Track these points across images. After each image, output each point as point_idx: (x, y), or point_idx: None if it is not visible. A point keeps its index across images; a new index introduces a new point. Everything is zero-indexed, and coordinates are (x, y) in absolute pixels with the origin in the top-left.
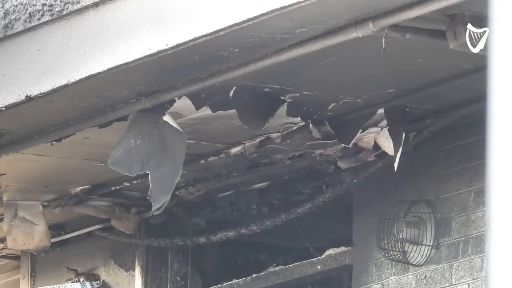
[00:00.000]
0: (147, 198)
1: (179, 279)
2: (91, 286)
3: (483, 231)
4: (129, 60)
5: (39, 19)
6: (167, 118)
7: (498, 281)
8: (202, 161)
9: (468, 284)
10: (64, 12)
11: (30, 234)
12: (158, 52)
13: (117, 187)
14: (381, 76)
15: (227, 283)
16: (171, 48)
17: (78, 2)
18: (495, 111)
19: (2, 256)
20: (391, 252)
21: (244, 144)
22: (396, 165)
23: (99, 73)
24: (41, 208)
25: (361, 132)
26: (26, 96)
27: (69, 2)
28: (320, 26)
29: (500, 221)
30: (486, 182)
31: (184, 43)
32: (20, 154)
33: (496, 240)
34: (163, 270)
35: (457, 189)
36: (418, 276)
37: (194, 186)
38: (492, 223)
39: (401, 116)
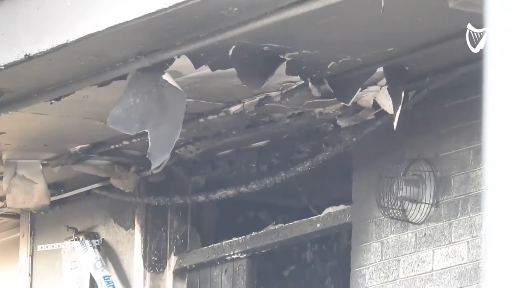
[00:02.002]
0: (147, 156)
1: (178, 237)
2: (91, 245)
3: (482, 189)
4: (128, 19)
5: None
6: (166, 77)
7: (496, 238)
8: (202, 120)
9: (468, 242)
10: None
11: (29, 193)
12: (157, 11)
13: (117, 146)
14: (381, 35)
15: (226, 241)
16: (170, 7)
17: None
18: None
19: (2, 215)
20: (390, 210)
21: (244, 102)
22: (395, 123)
23: (98, 32)
24: (41, 166)
25: (361, 91)
26: (26, 55)
27: None
28: None
29: (498, 180)
30: (484, 140)
31: (183, 2)
32: (19, 113)
33: (494, 198)
34: (162, 229)
35: (457, 147)
36: (417, 234)
37: (193, 144)
38: (489, 181)
39: (401, 74)
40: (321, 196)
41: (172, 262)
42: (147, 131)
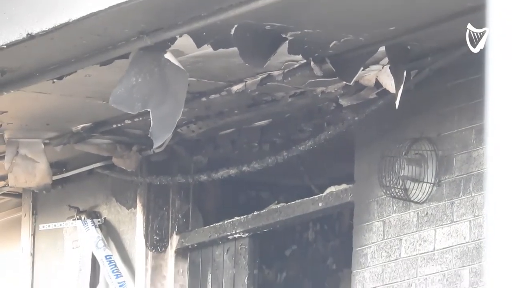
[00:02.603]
0: (149, 136)
1: (180, 216)
2: (93, 224)
3: (484, 169)
4: None
5: None
6: (168, 56)
7: (498, 218)
8: (204, 99)
9: (470, 221)
10: None
11: (31, 172)
12: None
13: (119, 125)
14: (383, 14)
15: (228, 221)
16: None
17: None
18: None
19: (4, 194)
20: (392, 190)
21: (246, 81)
22: (397, 102)
23: (101, 11)
24: (43, 146)
25: (363, 70)
26: (28, 34)
27: None
28: None
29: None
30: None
31: None
32: (21, 92)
33: (496, 177)
34: (164, 208)
35: (459, 126)
36: (419, 213)
37: (195, 124)
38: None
39: (403, 54)
40: (323, 175)
41: (174, 241)
42: (149, 110)
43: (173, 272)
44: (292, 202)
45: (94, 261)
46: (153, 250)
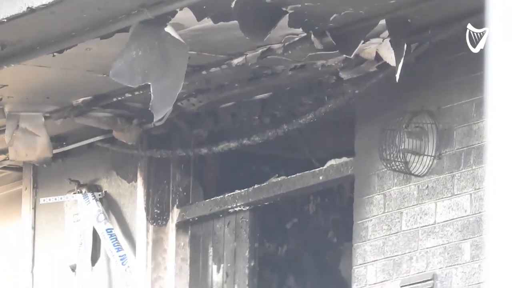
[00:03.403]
0: (149, 109)
1: (181, 190)
2: (93, 197)
3: (484, 142)
4: None
5: None
6: (168, 29)
7: (499, 190)
8: (204, 72)
9: (470, 194)
10: None
11: (32, 146)
12: None
13: (119, 98)
14: None
15: (229, 194)
16: None
17: None
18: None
19: (4, 168)
20: (393, 163)
21: (246, 55)
22: (398, 76)
23: None
24: (43, 119)
25: (363, 43)
26: (28, 7)
27: None
28: None
29: (500, 132)
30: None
31: None
32: (22, 65)
33: (496, 150)
34: (165, 181)
35: (459, 99)
36: (420, 186)
37: (196, 97)
38: (491, 133)
39: (403, 27)
40: (324, 149)
41: (175, 215)
42: (149, 83)
43: (174, 245)
44: (293, 176)
45: (95, 234)
46: (154, 224)
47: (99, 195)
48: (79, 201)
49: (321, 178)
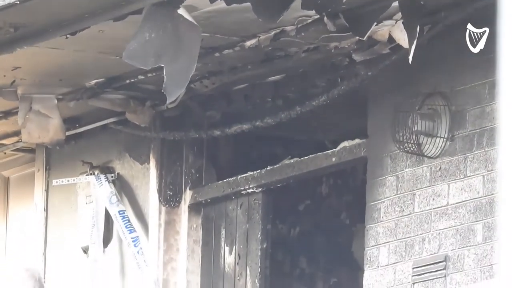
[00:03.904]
0: (162, 91)
1: (193, 171)
2: (106, 179)
3: (497, 123)
4: None
5: None
6: (181, 11)
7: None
8: (217, 54)
9: (483, 176)
10: None
11: (44, 128)
12: None
13: (132, 80)
14: None
15: (241, 176)
16: None
17: None
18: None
19: (17, 150)
20: (406, 145)
21: (259, 37)
22: (410, 57)
23: None
24: (56, 101)
25: (376, 25)
26: None
27: None
28: None
29: None
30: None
31: None
32: (35, 47)
33: (509, 132)
34: (177, 163)
35: (472, 81)
36: (433, 168)
37: (209, 79)
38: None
39: (416, 9)
40: (337, 130)
41: (188, 196)
42: (162, 65)
43: (187, 227)
44: (306, 157)
45: (107, 216)
46: (167, 205)
47: (112, 177)
48: (92, 183)
49: (333, 159)
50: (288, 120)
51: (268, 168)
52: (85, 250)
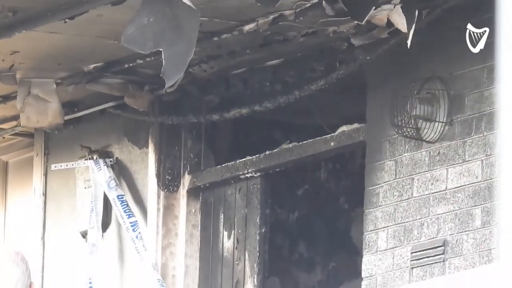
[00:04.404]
0: (160, 75)
1: (192, 156)
2: (105, 164)
3: (496, 108)
4: None
5: None
6: None
7: (510, 156)
8: (215, 39)
9: (482, 160)
10: None
11: (43, 112)
12: None
13: (131, 65)
14: None
15: (240, 160)
16: None
17: None
18: None
19: (16, 134)
20: (404, 129)
21: (258, 21)
22: (409, 42)
23: None
24: (54, 85)
25: (374, 9)
26: None
27: None
28: None
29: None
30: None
31: None
32: (33, 31)
33: (508, 116)
34: (176, 148)
35: (471, 65)
36: (431, 152)
37: (207, 63)
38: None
39: None
40: (335, 115)
41: (186, 181)
42: (161, 50)
43: (185, 211)
44: (304, 142)
45: (106, 201)
46: (165, 190)
47: (110, 161)
48: (91, 167)
49: (332, 144)
50: (287, 104)
51: (267, 152)
52: (84, 235)
